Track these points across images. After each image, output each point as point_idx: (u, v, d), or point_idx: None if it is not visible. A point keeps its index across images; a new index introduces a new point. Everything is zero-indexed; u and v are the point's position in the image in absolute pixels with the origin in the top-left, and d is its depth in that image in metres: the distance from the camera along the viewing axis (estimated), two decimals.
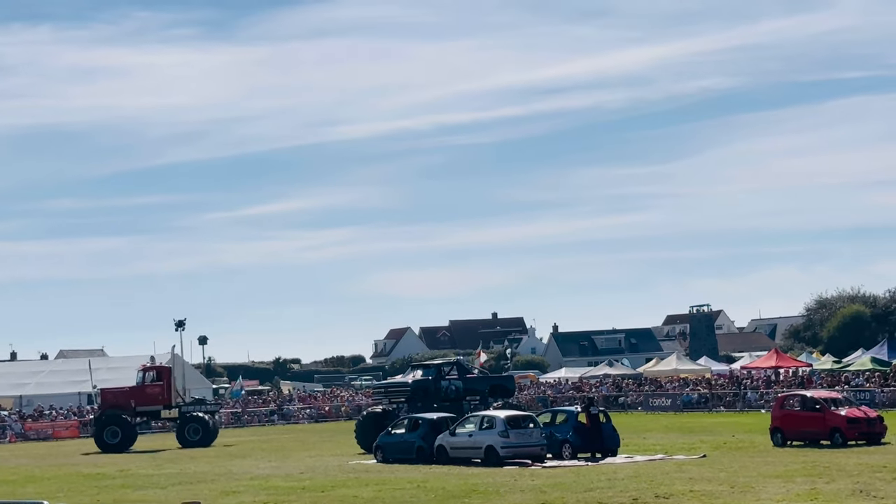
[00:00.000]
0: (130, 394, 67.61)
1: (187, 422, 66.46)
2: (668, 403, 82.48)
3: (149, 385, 67.67)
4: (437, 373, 56.00)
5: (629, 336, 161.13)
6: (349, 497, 31.60)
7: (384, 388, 58.84)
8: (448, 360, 63.10)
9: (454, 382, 55.63)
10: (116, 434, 64.15)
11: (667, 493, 29.06)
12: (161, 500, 28.31)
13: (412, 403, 54.02)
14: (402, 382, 58.68)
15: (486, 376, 60.65)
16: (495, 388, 57.42)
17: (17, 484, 41.06)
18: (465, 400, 55.08)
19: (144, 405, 67.25)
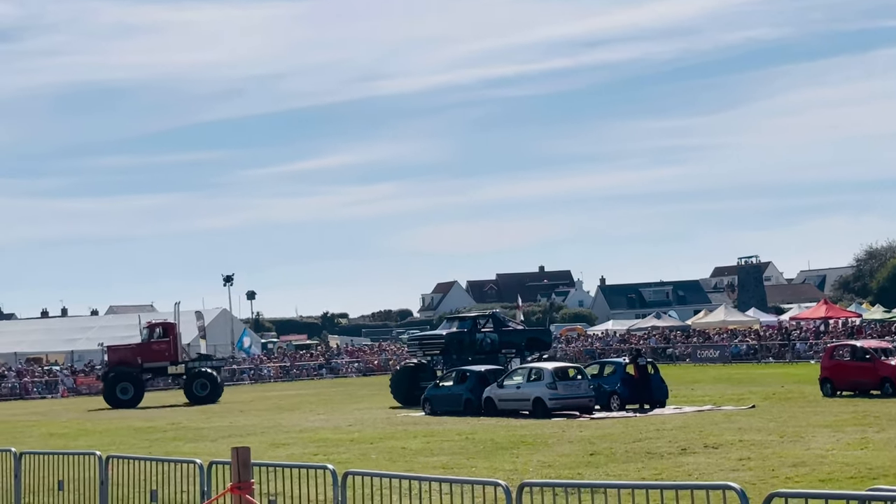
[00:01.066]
0: (138, 350, 67.80)
1: (195, 377, 66.52)
2: (716, 355, 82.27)
3: (155, 342, 67.89)
4: (473, 325, 55.69)
5: (677, 288, 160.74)
6: (398, 449, 31.68)
7: (418, 341, 58.46)
8: (483, 313, 62.55)
9: (489, 335, 55.19)
10: (127, 390, 64.38)
11: (716, 444, 28.97)
12: (212, 452, 28.46)
13: (447, 356, 53.92)
14: (437, 335, 58.04)
15: (523, 329, 60.16)
16: (532, 341, 56.99)
17: (69, 437, 41.47)
18: (501, 353, 54.73)
19: (151, 361, 67.40)
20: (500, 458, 28.02)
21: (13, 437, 40.59)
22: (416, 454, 30.04)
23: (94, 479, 17.37)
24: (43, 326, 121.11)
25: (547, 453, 28.85)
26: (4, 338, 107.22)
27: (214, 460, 15.44)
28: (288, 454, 30.82)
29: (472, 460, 27.92)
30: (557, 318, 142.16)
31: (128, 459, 17.72)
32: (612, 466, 25.44)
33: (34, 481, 18.92)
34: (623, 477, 22.92)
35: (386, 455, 29.96)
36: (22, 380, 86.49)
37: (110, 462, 17.31)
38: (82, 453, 18.72)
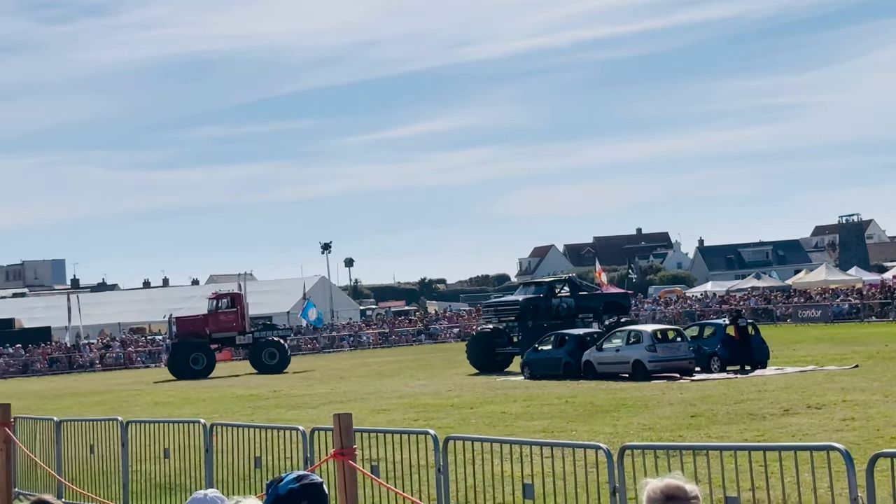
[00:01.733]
0: (205, 321, 68.27)
1: (263, 346, 66.86)
2: (817, 315, 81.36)
3: (223, 312, 68.39)
4: (549, 290, 55.22)
5: (777, 248, 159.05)
6: (497, 413, 31.74)
7: (493, 307, 57.85)
8: (560, 278, 61.89)
9: (565, 300, 54.77)
10: (199, 360, 64.80)
11: (819, 404, 28.68)
12: (314, 419, 28.74)
13: (522, 322, 53.28)
14: (512, 300, 57.06)
15: (601, 293, 59.41)
16: (610, 305, 56.30)
17: (173, 405, 42.07)
18: (578, 317, 54.23)
19: (219, 332, 67.83)
20: (600, 422, 27.98)
21: (119, 406, 41.29)
22: (516, 418, 30.09)
23: (199, 446, 17.61)
24: (145, 297, 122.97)
25: (647, 416, 28.75)
26: (108, 308, 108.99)
27: (317, 427, 15.58)
28: (389, 420, 31.00)
29: (573, 424, 27.91)
30: (656, 281, 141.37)
31: (232, 427, 17.93)
32: (714, 428, 25.29)
33: (141, 449, 19.21)
34: (725, 439, 22.77)
35: (486, 420, 30.04)
36: (126, 349, 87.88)
37: (215, 429, 17.52)
38: (187, 421, 18.98)
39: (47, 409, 37.34)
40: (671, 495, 4.04)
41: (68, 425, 20.95)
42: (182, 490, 17.41)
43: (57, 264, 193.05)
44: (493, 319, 55.59)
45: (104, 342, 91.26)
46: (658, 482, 4.09)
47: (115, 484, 19.28)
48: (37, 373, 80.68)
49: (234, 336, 68.37)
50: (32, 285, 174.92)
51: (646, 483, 4.13)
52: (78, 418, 23.03)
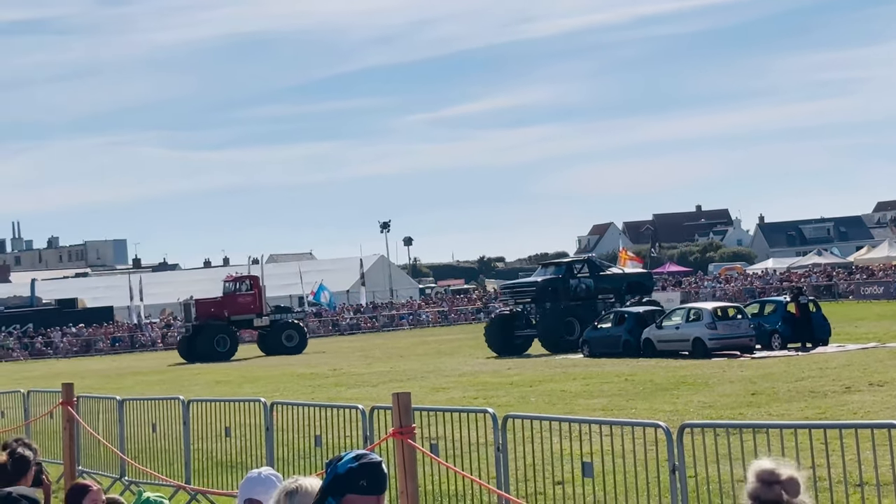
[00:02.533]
0: (223, 303, 67.86)
1: (283, 328, 66.72)
2: (880, 291, 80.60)
3: (241, 294, 68.06)
4: (567, 271, 54.08)
5: (838, 224, 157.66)
6: (557, 391, 31.72)
7: (510, 289, 56.82)
8: (579, 258, 60.71)
9: (584, 281, 53.63)
10: (223, 342, 64.56)
11: (881, 381, 28.44)
12: (373, 397, 28.83)
13: (539, 303, 52.44)
14: (528, 282, 55.94)
15: (623, 274, 58.02)
16: (632, 286, 55.15)
17: (234, 384, 42.36)
18: (598, 298, 53.47)
19: (237, 314, 67.38)
20: (659, 400, 27.90)
21: (181, 385, 41.61)
22: (576, 396, 30.06)
23: (260, 424, 17.72)
24: (206, 276, 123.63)
25: (707, 394, 28.64)
26: (170, 287, 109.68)
27: (376, 405, 15.64)
28: (448, 398, 31.06)
29: (632, 402, 27.85)
30: (716, 258, 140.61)
31: (292, 405, 18.02)
32: (775, 406, 25.16)
33: (202, 427, 19.35)
34: (785, 417, 22.65)
35: (545, 398, 30.03)
36: None
37: (275, 408, 17.62)
38: (248, 400, 19.12)
39: (110, 388, 37.69)
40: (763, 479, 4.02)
41: (130, 404, 21.15)
42: (242, 468, 17.52)
43: (118, 244, 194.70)
44: (510, 302, 55.05)
45: (166, 321, 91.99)
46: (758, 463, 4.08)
47: (177, 462, 19.45)
48: (99, 352, 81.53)
49: (252, 318, 67.93)
50: (94, 265, 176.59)
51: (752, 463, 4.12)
52: (140, 397, 23.26)
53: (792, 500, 4.03)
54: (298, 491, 5.28)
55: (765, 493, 4.02)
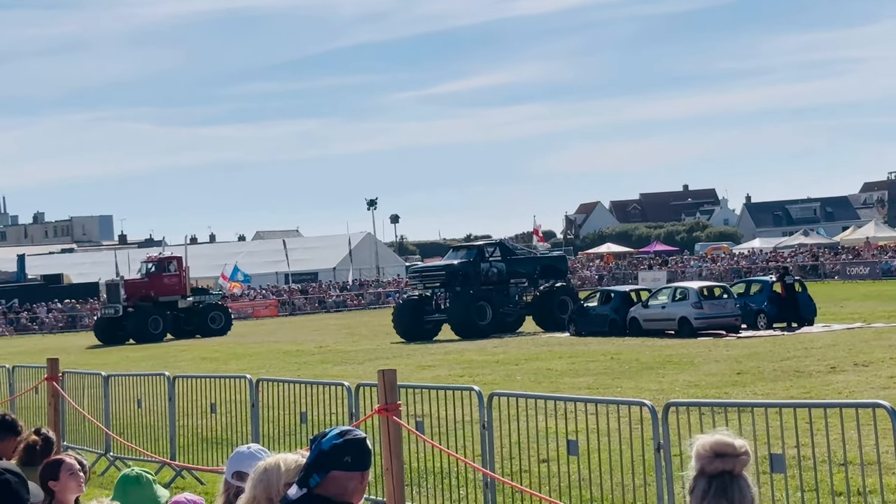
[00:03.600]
0: (150, 284, 66.03)
1: (208, 310, 65.71)
2: (865, 272, 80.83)
3: (167, 275, 66.52)
4: (479, 255, 52.46)
5: (825, 205, 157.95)
6: (543, 369, 31.77)
7: (419, 273, 54.84)
8: (491, 241, 58.83)
9: (496, 264, 52.07)
10: (157, 323, 63.27)
11: (866, 361, 28.52)
12: (359, 375, 28.84)
13: (450, 288, 50.84)
14: (438, 266, 54.44)
15: (536, 257, 56.76)
16: (546, 270, 53.32)
17: (220, 361, 42.33)
18: (511, 283, 52.14)
19: (163, 295, 65.64)
20: (645, 378, 27.96)
21: (166, 362, 41.59)
22: (562, 375, 30.11)
23: (245, 401, 17.72)
24: (191, 252, 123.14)
25: (693, 373, 28.70)
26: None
27: (362, 382, 15.64)
28: (434, 376, 31.08)
29: (618, 380, 27.90)
30: (703, 238, 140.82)
31: (278, 382, 18.02)
32: (760, 385, 25.22)
33: (187, 404, 19.35)
34: (770, 396, 22.72)
35: (531, 376, 30.08)
36: None
37: (261, 385, 17.62)
38: (233, 376, 19.11)
39: (95, 364, 37.67)
40: (720, 452, 4.03)
41: (116, 380, 21.14)
42: (228, 444, 17.53)
43: (104, 220, 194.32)
44: (420, 286, 53.00)
45: None
46: (708, 438, 4.08)
47: (163, 438, 19.45)
48: (85, 328, 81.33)
49: (178, 300, 66.17)
50: (80, 241, 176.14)
51: (695, 439, 4.12)
52: (125, 373, 23.24)
53: (742, 473, 4.05)
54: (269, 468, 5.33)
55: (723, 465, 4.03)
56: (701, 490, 4.05)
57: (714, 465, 4.03)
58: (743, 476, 4.05)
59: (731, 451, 4.03)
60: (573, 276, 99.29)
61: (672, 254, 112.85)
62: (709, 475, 4.04)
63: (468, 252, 53.65)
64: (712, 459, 4.03)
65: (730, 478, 4.02)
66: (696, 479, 4.08)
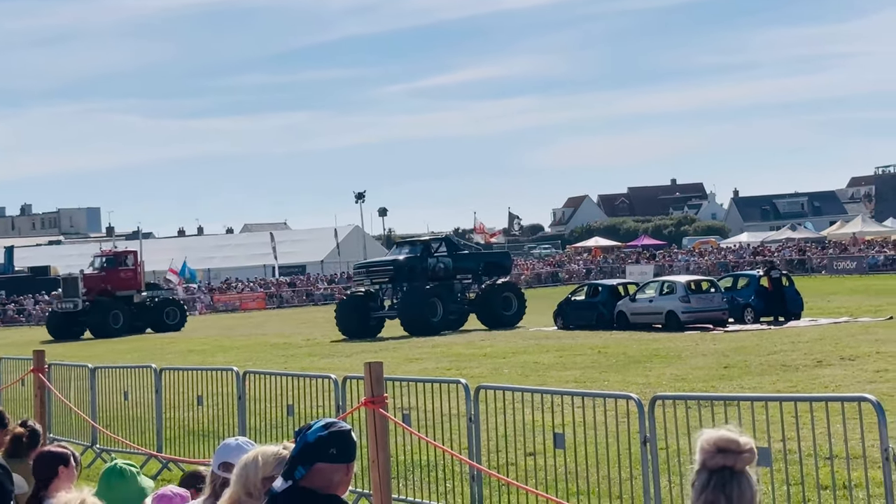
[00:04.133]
0: (107, 278, 64.87)
1: (164, 305, 65.04)
2: (852, 266, 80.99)
3: (123, 269, 65.49)
4: (425, 250, 51.30)
5: (812, 199, 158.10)
6: (530, 363, 31.78)
7: (366, 268, 52.40)
8: (437, 237, 56.84)
9: (443, 260, 50.85)
10: (118, 318, 62.33)
11: (852, 355, 28.58)
12: (346, 368, 28.82)
13: (397, 283, 49.83)
14: (385, 261, 52.61)
15: (480, 253, 56.11)
16: (490, 266, 52.47)
17: (207, 353, 42.31)
18: (456, 279, 50.99)
19: (120, 290, 64.60)
20: (632, 372, 27.99)
21: (153, 354, 41.53)
22: (549, 368, 30.12)
23: (232, 394, 17.70)
24: (179, 245, 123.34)
25: (680, 366, 28.74)
26: (143, 256, 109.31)
27: (348, 375, 15.63)
28: (421, 369, 31.10)
29: (605, 374, 27.93)
30: (690, 232, 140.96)
31: (264, 375, 18.01)
32: (746, 379, 25.26)
33: (174, 396, 19.35)
34: (757, 390, 22.75)
35: (518, 369, 30.09)
36: None
37: (247, 377, 17.60)
38: (220, 369, 19.10)
39: (82, 356, 37.60)
40: (723, 447, 4.04)
41: (103, 372, 21.11)
42: (215, 437, 17.53)
43: (92, 212, 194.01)
44: (366, 281, 51.13)
45: None
46: (713, 433, 4.09)
47: (149, 430, 19.43)
48: None
49: (133, 294, 65.12)
50: (68, 233, 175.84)
51: (701, 433, 4.13)
52: (112, 365, 23.21)
53: (744, 470, 4.06)
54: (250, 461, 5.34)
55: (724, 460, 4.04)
56: (701, 484, 4.05)
57: (715, 460, 4.03)
58: (745, 473, 4.04)
59: (734, 447, 4.03)
60: (561, 270, 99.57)
61: (660, 248, 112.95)
62: (710, 469, 4.04)
63: (414, 247, 52.54)
64: (714, 454, 4.04)
65: (730, 474, 4.02)
66: (698, 472, 4.08)
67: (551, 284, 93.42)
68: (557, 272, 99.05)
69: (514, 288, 52.22)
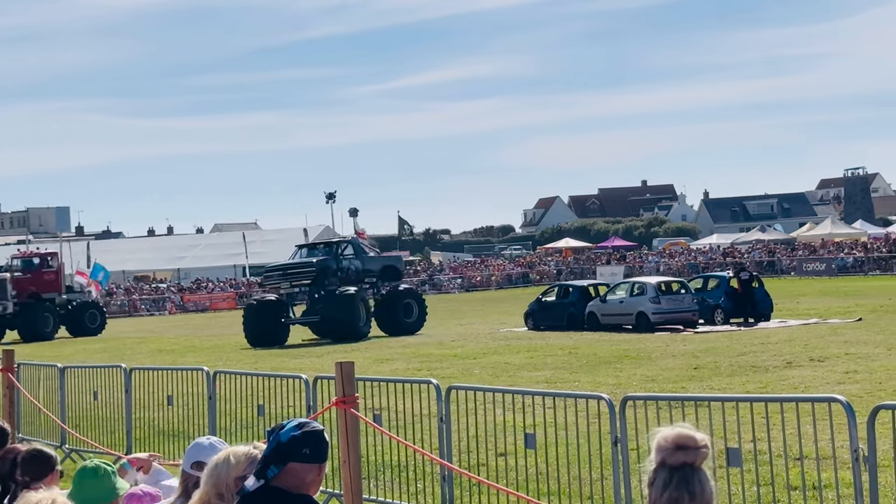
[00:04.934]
0: (33, 281, 63.22)
1: (86, 309, 63.87)
2: (822, 268, 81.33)
3: (46, 271, 64.02)
4: (335, 252, 48.96)
5: (782, 201, 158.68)
6: (501, 364, 31.79)
7: (282, 271, 48.30)
8: (344, 239, 55.31)
9: (354, 262, 48.94)
10: (48, 321, 60.94)
11: (821, 357, 28.70)
12: (317, 368, 28.78)
13: (316, 286, 46.66)
14: (304, 263, 48.25)
15: (380, 257, 54.30)
16: (387, 270, 50.44)
17: (177, 353, 42.15)
18: (364, 282, 48.76)
19: (44, 292, 62.94)
20: (603, 373, 28.03)
21: (123, 354, 41.37)
22: (520, 369, 30.14)
23: (203, 394, 17.66)
24: (150, 245, 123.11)
25: (650, 367, 28.80)
26: (113, 256, 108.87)
27: (319, 375, 15.61)
28: (392, 369, 31.07)
29: (576, 375, 27.96)
30: (661, 233, 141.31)
31: (235, 375, 17.98)
32: (716, 380, 25.33)
33: (144, 396, 19.28)
34: (727, 390, 22.82)
35: (489, 370, 30.08)
36: (131, 297, 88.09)
37: (218, 377, 17.56)
38: (190, 369, 19.03)
39: (51, 356, 37.43)
40: (682, 444, 4.05)
41: (72, 372, 21.02)
42: (185, 437, 17.46)
43: (61, 212, 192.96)
44: (284, 285, 47.48)
45: (107, 289, 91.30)
46: (669, 431, 4.10)
47: (119, 430, 19.37)
48: None
49: (55, 297, 63.53)
50: (37, 232, 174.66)
51: (656, 432, 4.14)
52: (82, 365, 23.11)
53: (701, 466, 4.08)
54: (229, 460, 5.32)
55: (684, 457, 4.05)
56: (662, 482, 4.06)
57: (675, 458, 4.04)
58: (702, 469, 4.07)
59: (692, 443, 4.05)
60: (532, 271, 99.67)
61: (630, 249, 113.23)
62: (670, 467, 4.05)
63: (326, 249, 50.11)
64: (674, 451, 4.04)
65: (691, 470, 4.04)
66: (657, 471, 4.08)
67: (522, 285, 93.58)
68: (528, 273, 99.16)
69: (416, 294, 49.97)
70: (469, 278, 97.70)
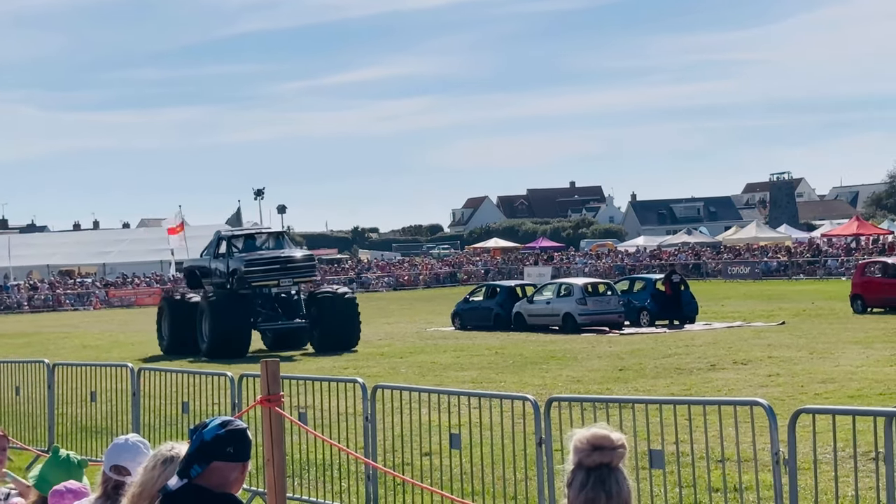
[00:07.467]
0: None
1: None
2: (746, 271, 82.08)
3: None
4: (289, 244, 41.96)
5: (708, 204, 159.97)
6: (427, 363, 31.81)
7: (281, 264, 39.11)
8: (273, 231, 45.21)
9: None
10: None
11: (745, 360, 28.98)
12: (242, 366, 28.66)
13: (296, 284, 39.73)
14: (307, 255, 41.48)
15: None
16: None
17: (102, 349, 41.77)
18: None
19: None
20: (529, 373, 28.13)
21: (46, 349, 40.95)
22: (446, 368, 30.17)
23: (127, 390, 17.53)
24: (75, 239, 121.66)
25: (576, 368, 28.93)
26: (37, 250, 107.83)
27: (245, 373, 15.55)
28: (318, 367, 30.99)
29: (501, 375, 28.04)
30: (588, 234, 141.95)
31: (160, 371, 17.85)
32: (641, 382, 25.50)
33: (67, 392, 19.10)
34: (652, 392, 22.98)
35: (416, 369, 30.10)
36: (55, 292, 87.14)
37: (142, 374, 17.44)
38: (115, 365, 18.88)
39: None
40: (598, 445, 4.08)
41: None
42: (108, 433, 17.32)
43: None
44: (285, 281, 39.48)
45: (31, 284, 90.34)
46: (585, 432, 4.13)
47: (41, 426, 19.18)
48: None
49: None
50: None
51: (573, 434, 4.16)
52: (4, 359, 22.84)
53: (619, 466, 4.12)
54: (175, 460, 5.25)
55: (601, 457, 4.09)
56: (579, 482, 4.09)
57: (592, 458, 4.07)
58: (619, 469, 4.11)
59: (608, 443, 4.09)
60: (459, 270, 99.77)
61: (558, 250, 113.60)
62: (587, 468, 4.08)
63: (293, 241, 46.16)
64: (590, 452, 4.08)
65: (608, 470, 4.08)
66: (575, 471, 4.12)
67: (449, 285, 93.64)
68: (456, 272, 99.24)
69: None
70: (397, 277, 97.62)
